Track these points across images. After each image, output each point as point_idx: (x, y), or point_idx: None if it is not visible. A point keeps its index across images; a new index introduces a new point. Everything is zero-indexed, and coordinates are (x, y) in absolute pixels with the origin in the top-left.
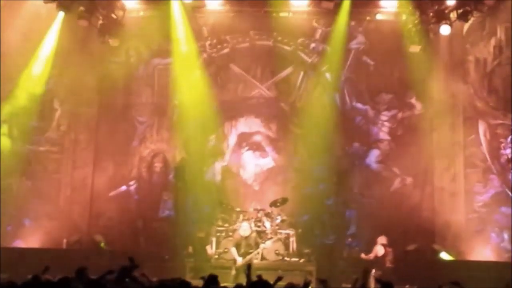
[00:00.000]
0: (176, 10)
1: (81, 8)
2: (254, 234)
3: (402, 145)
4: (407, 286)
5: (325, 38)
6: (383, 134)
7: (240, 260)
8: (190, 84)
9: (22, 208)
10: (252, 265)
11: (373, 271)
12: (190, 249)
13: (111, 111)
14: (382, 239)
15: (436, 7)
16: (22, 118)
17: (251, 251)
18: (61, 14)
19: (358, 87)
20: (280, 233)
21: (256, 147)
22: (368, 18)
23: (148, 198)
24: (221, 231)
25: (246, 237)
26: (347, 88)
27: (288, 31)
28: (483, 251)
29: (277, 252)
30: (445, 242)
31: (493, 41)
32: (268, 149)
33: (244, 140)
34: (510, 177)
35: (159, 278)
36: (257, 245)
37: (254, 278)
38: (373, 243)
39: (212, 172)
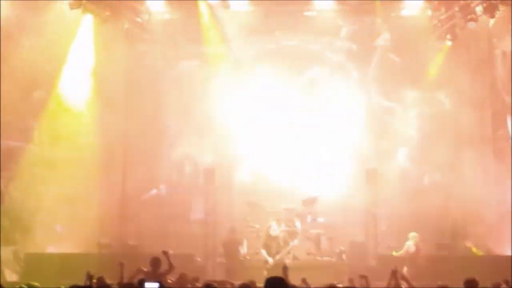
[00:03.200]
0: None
1: (107, 12)
2: (283, 234)
3: (430, 141)
4: (439, 283)
5: (351, 36)
6: (412, 131)
7: (270, 261)
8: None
9: (54, 214)
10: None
11: (405, 268)
12: (222, 250)
13: (140, 115)
14: (413, 236)
15: (462, 2)
16: (52, 124)
17: (281, 250)
18: (88, 18)
19: (385, 84)
20: (311, 232)
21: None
22: (393, 14)
23: (179, 201)
24: (252, 232)
25: (276, 237)
26: (374, 85)
27: (314, 31)
28: None
29: (308, 251)
30: (477, 238)
31: None
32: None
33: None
34: None
35: None
36: (286, 245)
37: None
38: (404, 240)
39: (242, 173)
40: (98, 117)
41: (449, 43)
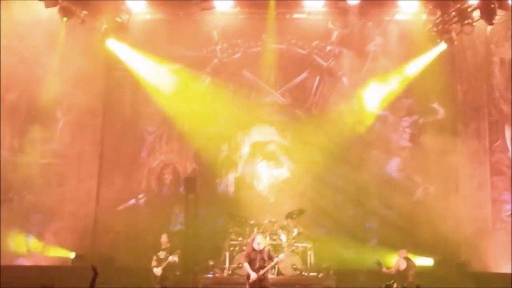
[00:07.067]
0: None
1: (84, 12)
2: (268, 248)
3: (424, 152)
4: None
5: (341, 41)
6: (404, 141)
7: (254, 276)
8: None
9: (25, 224)
10: (267, 280)
11: (395, 285)
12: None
13: (118, 121)
14: (403, 253)
15: (458, 6)
16: (24, 128)
17: (265, 265)
18: (64, 19)
19: (376, 91)
20: (297, 246)
21: (271, 157)
22: (386, 18)
23: (158, 211)
24: (234, 245)
25: (260, 251)
26: (365, 92)
27: (303, 34)
28: None
29: (294, 266)
30: (472, 254)
31: None
32: (283, 159)
33: (258, 149)
34: None
35: None
36: (271, 259)
37: None
38: (395, 255)
39: (225, 183)
40: (73, 122)
41: (444, 48)
